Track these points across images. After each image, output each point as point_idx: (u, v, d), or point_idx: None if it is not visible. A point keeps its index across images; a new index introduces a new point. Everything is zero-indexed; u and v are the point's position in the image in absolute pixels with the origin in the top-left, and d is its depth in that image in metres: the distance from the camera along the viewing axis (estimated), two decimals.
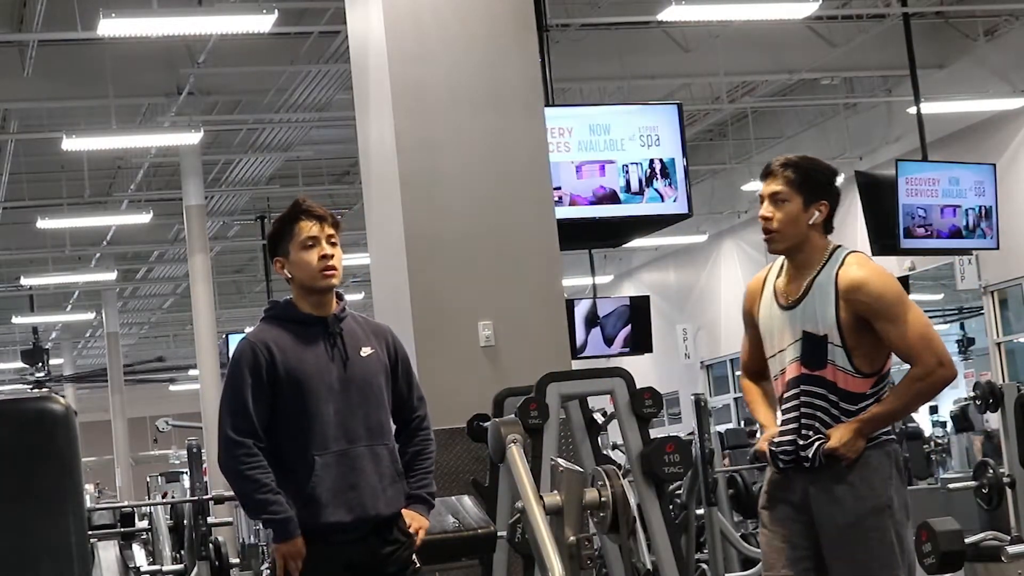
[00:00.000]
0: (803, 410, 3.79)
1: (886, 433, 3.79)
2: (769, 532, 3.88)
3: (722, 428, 13.20)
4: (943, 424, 14.40)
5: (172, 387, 29.18)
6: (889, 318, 3.71)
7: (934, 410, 16.04)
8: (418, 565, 3.82)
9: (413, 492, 3.87)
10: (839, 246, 3.86)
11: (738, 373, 21.16)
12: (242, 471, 3.70)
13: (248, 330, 4.09)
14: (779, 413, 3.91)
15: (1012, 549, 5.91)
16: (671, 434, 5.19)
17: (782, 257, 3.92)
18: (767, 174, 3.87)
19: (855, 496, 3.71)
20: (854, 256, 3.83)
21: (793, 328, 3.80)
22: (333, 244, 3.83)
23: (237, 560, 8.18)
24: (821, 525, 3.76)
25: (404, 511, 3.84)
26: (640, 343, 12.34)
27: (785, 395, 3.86)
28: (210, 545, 7.74)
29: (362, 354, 3.83)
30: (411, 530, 3.82)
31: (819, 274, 3.80)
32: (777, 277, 3.91)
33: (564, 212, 7.56)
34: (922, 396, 3.79)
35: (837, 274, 3.77)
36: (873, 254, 11.22)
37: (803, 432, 3.78)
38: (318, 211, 3.85)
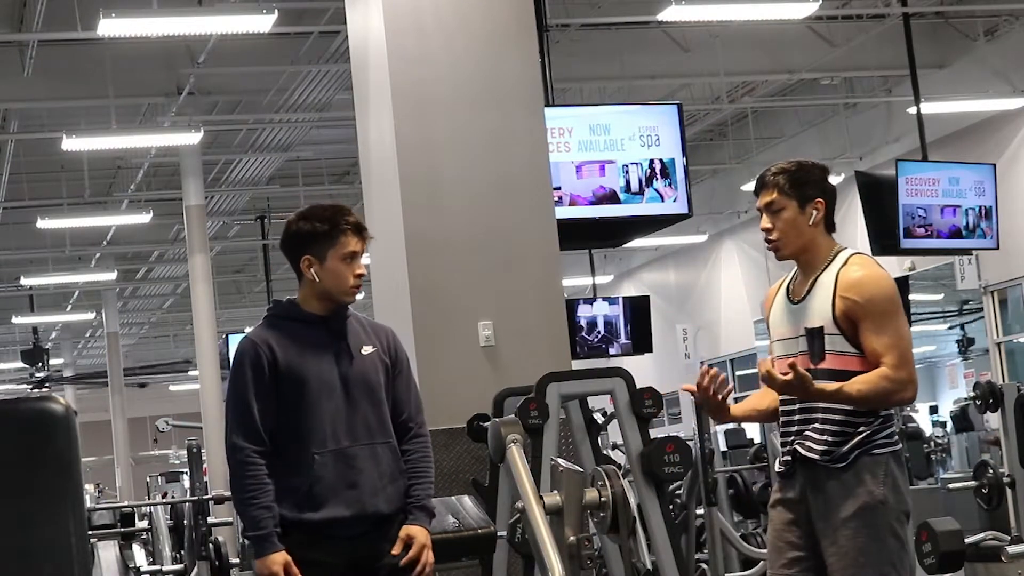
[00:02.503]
0: (799, 404, 3.83)
1: (882, 444, 3.77)
2: (772, 532, 3.94)
3: (722, 428, 13.17)
4: (943, 424, 14.39)
5: (172, 387, 29.17)
6: (875, 320, 3.73)
7: (934, 410, 16.03)
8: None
9: (414, 503, 3.83)
10: (845, 248, 3.90)
11: (739, 373, 20.99)
12: (240, 483, 3.72)
13: (248, 330, 4.09)
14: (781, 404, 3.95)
15: (1012, 549, 5.92)
16: (671, 434, 5.19)
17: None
18: (761, 186, 3.92)
19: (847, 493, 3.73)
20: (858, 257, 3.87)
21: (797, 324, 3.86)
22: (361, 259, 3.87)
23: (237, 560, 8.16)
24: (816, 523, 3.79)
25: (405, 527, 3.79)
26: (640, 343, 12.33)
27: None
28: (210, 545, 7.73)
29: (363, 352, 3.84)
30: (413, 547, 3.76)
31: (822, 273, 3.85)
32: (792, 279, 3.98)
33: (564, 212, 7.55)
34: (882, 396, 3.72)
35: (839, 273, 3.82)
36: (873, 254, 11.20)
37: (804, 431, 3.82)
38: (364, 228, 3.85)
